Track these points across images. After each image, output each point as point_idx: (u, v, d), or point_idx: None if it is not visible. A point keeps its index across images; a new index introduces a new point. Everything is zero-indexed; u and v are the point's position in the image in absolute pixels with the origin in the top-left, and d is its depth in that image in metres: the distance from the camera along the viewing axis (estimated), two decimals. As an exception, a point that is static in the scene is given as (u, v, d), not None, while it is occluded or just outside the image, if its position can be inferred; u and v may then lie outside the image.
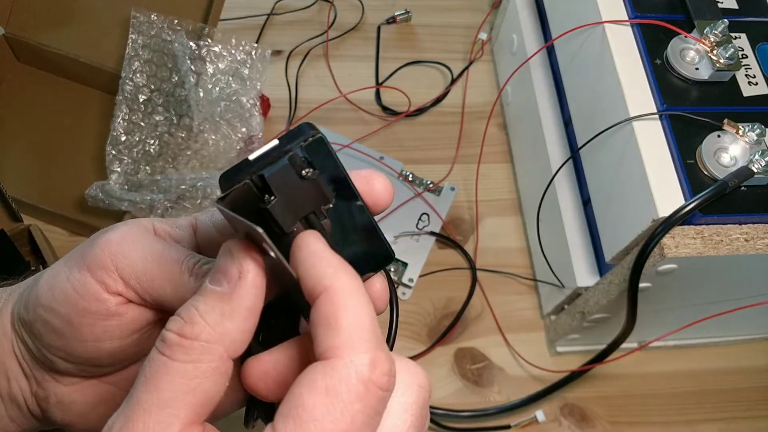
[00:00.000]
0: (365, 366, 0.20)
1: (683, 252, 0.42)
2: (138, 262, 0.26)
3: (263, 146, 0.24)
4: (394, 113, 0.74)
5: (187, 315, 0.22)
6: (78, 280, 0.26)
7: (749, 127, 0.44)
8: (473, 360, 0.63)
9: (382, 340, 0.21)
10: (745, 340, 0.65)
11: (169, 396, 0.21)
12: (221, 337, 0.22)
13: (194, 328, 0.22)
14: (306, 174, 0.23)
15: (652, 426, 0.61)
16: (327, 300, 0.21)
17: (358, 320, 0.21)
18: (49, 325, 0.27)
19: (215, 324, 0.22)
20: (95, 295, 0.26)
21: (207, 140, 0.64)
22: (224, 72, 0.64)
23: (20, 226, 0.59)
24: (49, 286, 0.27)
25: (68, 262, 0.27)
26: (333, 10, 0.78)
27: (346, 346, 0.20)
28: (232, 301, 0.22)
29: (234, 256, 0.23)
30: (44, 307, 0.27)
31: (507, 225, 0.69)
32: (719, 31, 0.47)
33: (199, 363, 0.22)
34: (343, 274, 0.22)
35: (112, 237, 0.27)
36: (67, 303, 0.26)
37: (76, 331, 0.26)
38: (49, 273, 0.27)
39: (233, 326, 0.22)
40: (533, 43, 0.66)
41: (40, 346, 0.27)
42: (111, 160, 0.61)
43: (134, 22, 0.62)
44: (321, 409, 0.20)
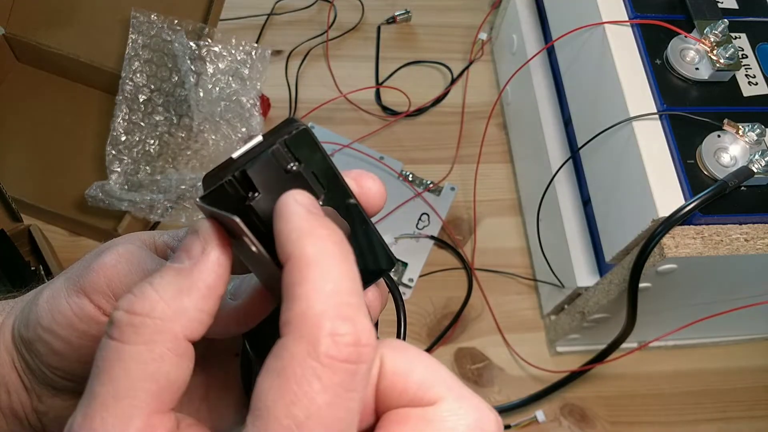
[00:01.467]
0: (321, 338, 0.17)
1: (683, 252, 0.42)
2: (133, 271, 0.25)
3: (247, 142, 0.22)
4: (394, 113, 0.74)
5: (138, 290, 0.19)
6: (76, 304, 0.25)
7: (749, 127, 0.44)
8: (473, 360, 0.63)
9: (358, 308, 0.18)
10: (745, 340, 0.65)
11: (125, 385, 0.19)
12: (177, 314, 0.19)
13: (145, 303, 0.19)
14: (291, 168, 0.22)
15: (652, 426, 0.61)
16: (288, 269, 0.18)
17: (317, 289, 0.18)
18: (49, 345, 0.26)
19: (171, 299, 0.19)
20: (94, 319, 0.25)
21: (207, 140, 0.64)
22: (224, 72, 0.64)
23: (20, 226, 0.59)
24: (50, 308, 0.26)
25: (66, 283, 0.26)
26: (333, 10, 0.78)
27: (298, 319, 0.17)
28: (191, 275, 0.20)
29: (198, 234, 0.21)
30: (44, 329, 0.26)
31: (507, 225, 0.69)
32: (719, 31, 0.47)
33: (153, 344, 0.19)
34: (307, 239, 0.18)
35: (107, 260, 0.25)
36: (67, 326, 0.26)
37: (76, 353, 0.26)
38: (48, 293, 0.27)
39: (191, 303, 0.20)
40: (533, 44, 0.66)
41: (40, 364, 0.27)
42: (111, 160, 0.61)
43: (134, 22, 0.62)
44: (272, 393, 0.17)
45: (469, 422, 0.19)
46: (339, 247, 0.19)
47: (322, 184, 0.23)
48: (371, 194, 0.23)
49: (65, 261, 0.61)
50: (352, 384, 0.17)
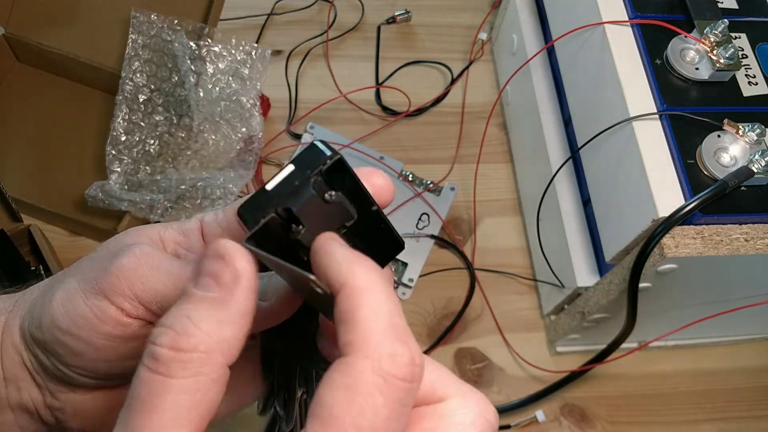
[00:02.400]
0: (383, 358, 0.19)
1: (683, 252, 0.42)
2: (156, 286, 0.25)
3: (279, 173, 0.23)
4: (394, 113, 0.74)
5: (180, 326, 0.20)
6: (97, 307, 0.25)
7: (749, 127, 0.44)
8: (473, 360, 0.63)
9: (406, 331, 0.20)
10: (745, 340, 0.65)
11: (171, 416, 0.20)
12: (219, 345, 0.21)
13: (191, 340, 0.20)
14: (330, 198, 0.23)
15: (652, 426, 0.61)
16: (344, 296, 0.20)
17: (374, 313, 0.20)
18: (69, 347, 0.26)
19: (212, 332, 0.21)
20: (117, 321, 0.25)
21: (207, 140, 0.64)
22: (224, 72, 0.64)
23: (20, 226, 0.59)
24: (66, 310, 0.26)
25: (82, 285, 0.26)
26: (333, 10, 0.78)
27: (362, 341, 0.20)
28: (228, 307, 0.21)
29: (225, 259, 0.21)
30: (63, 331, 0.26)
31: (507, 225, 0.69)
32: (719, 31, 0.47)
33: (200, 376, 0.20)
34: (358, 269, 0.21)
35: (125, 263, 0.26)
36: (88, 328, 0.26)
37: (100, 353, 0.26)
38: (62, 295, 0.26)
39: (231, 333, 0.21)
40: (533, 44, 0.66)
41: (59, 363, 0.27)
42: (111, 160, 0.61)
43: (134, 22, 0.62)
44: (342, 405, 0.19)
45: (475, 413, 0.22)
46: (382, 276, 0.21)
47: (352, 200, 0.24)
48: (382, 191, 0.25)
49: (65, 261, 0.61)
50: (407, 399, 0.20)
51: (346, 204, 0.24)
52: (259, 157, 0.66)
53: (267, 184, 0.23)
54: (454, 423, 0.22)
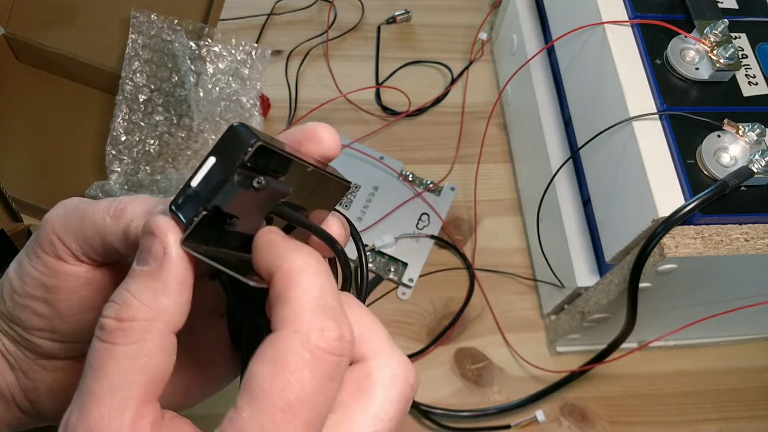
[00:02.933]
0: (311, 332, 0.20)
1: (683, 252, 0.42)
2: (71, 226, 0.27)
3: (201, 166, 0.22)
4: (394, 113, 0.74)
5: (120, 299, 0.22)
6: (39, 262, 0.27)
7: (749, 127, 0.44)
8: (473, 360, 0.63)
9: (337, 309, 0.21)
10: (745, 340, 0.65)
11: (118, 380, 0.21)
12: (159, 313, 0.22)
13: (130, 310, 0.22)
14: (258, 185, 0.23)
15: (652, 426, 0.61)
16: (278, 278, 0.22)
17: (306, 291, 0.21)
18: (29, 309, 0.28)
19: (150, 302, 0.22)
20: (57, 269, 0.27)
21: (207, 140, 0.64)
22: (224, 72, 0.64)
23: (20, 226, 0.59)
24: (18, 275, 0.28)
25: (26, 250, 0.28)
26: (333, 10, 0.78)
27: (292, 317, 0.21)
28: (161, 276, 0.22)
29: (155, 234, 0.23)
30: (20, 294, 0.28)
31: (507, 225, 0.69)
32: (719, 31, 0.47)
33: (142, 342, 0.22)
34: (293, 254, 0.22)
35: (50, 213, 0.28)
36: (38, 285, 0.27)
37: (54, 309, 0.27)
38: (13, 265, 0.28)
39: (169, 301, 0.22)
40: (533, 44, 0.66)
41: (23, 331, 0.28)
42: (111, 160, 0.61)
43: (134, 22, 0.62)
44: (269, 379, 0.20)
45: (395, 373, 0.23)
46: (318, 260, 0.22)
47: (283, 172, 0.24)
48: (328, 143, 0.26)
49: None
50: (336, 373, 0.21)
51: (277, 185, 0.23)
52: (259, 157, 0.66)
53: (191, 179, 0.23)
54: (375, 381, 0.23)
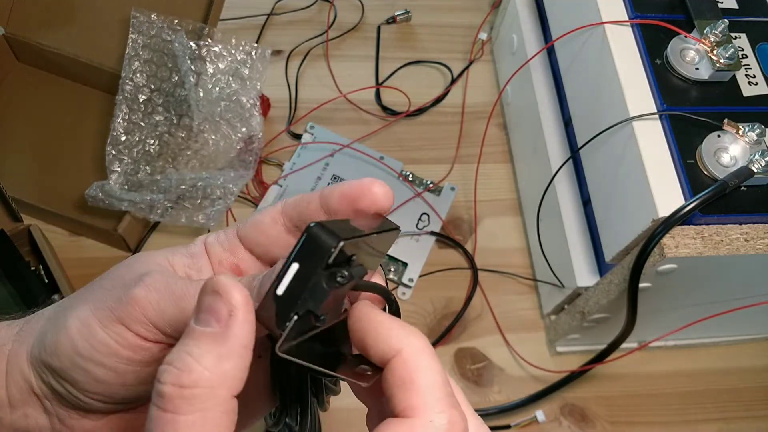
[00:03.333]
0: (444, 425, 0.22)
1: (683, 252, 0.42)
2: (168, 311, 0.26)
3: (285, 274, 0.23)
4: (394, 113, 0.74)
5: (181, 363, 0.21)
6: (118, 335, 0.26)
7: (749, 127, 0.44)
8: (473, 360, 0.63)
9: (455, 397, 0.23)
10: (745, 340, 0.65)
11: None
12: (222, 379, 0.21)
13: (192, 375, 0.21)
14: (342, 279, 0.23)
15: (652, 426, 0.61)
16: (401, 362, 0.22)
17: (433, 379, 0.22)
18: (91, 374, 0.27)
19: (213, 367, 0.21)
20: (136, 345, 0.26)
21: (207, 140, 0.64)
22: (224, 72, 0.64)
23: (20, 226, 0.59)
24: (86, 338, 0.26)
25: (98, 313, 0.26)
26: (333, 10, 0.78)
27: (424, 406, 0.22)
28: (227, 341, 0.21)
29: (220, 294, 0.22)
30: (85, 358, 0.26)
31: (507, 225, 0.69)
32: (719, 31, 0.47)
33: (206, 411, 0.21)
34: (412, 337, 0.23)
35: (137, 293, 0.26)
36: (111, 355, 0.26)
37: (120, 378, 0.27)
38: (77, 322, 0.27)
39: (232, 366, 0.21)
40: (533, 44, 0.66)
41: (75, 390, 0.27)
42: (111, 160, 0.61)
43: (134, 22, 0.62)
44: None
45: None
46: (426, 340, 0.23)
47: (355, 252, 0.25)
48: (381, 198, 0.26)
49: (65, 261, 0.61)
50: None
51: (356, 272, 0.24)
52: (259, 157, 0.66)
53: (276, 287, 0.23)
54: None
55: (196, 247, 0.29)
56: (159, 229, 0.65)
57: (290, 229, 0.28)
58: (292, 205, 0.28)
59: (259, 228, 0.28)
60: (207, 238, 0.29)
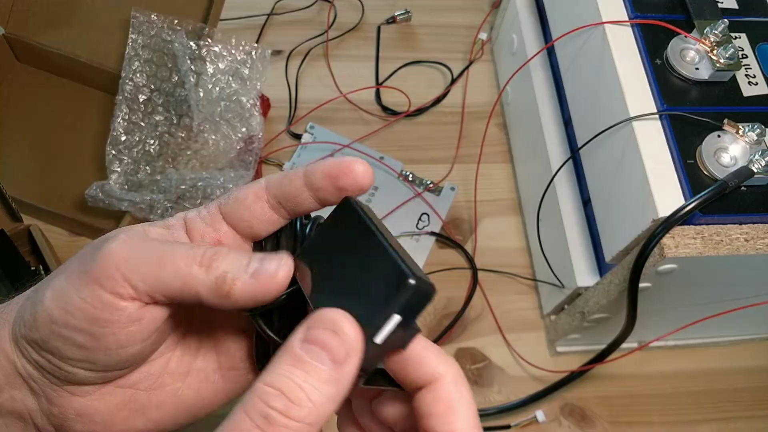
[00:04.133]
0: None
1: (683, 252, 0.42)
2: (142, 266, 0.26)
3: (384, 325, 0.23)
4: (394, 113, 0.74)
5: (293, 395, 0.22)
6: (91, 296, 0.26)
7: (749, 127, 0.44)
8: (473, 360, 0.63)
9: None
10: (745, 340, 0.65)
11: None
12: (321, 420, 0.22)
13: (301, 411, 0.22)
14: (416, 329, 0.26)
15: (652, 426, 0.61)
16: (444, 386, 0.25)
17: (471, 406, 0.25)
18: (69, 340, 0.26)
19: (321, 407, 0.22)
20: (113, 306, 0.26)
21: (207, 140, 0.64)
22: (224, 72, 0.64)
23: (20, 226, 0.59)
24: (60, 305, 0.26)
25: (70, 278, 0.27)
26: (333, 10, 0.78)
27: (464, 429, 0.25)
28: (339, 384, 0.22)
29: (337, 333, 0.23)
30: (60, 325, 0.26)
31: (507, 225, 0.69)
32: (719, 31, 0.47)
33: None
34: (452, 364, 0.26)
35: (112, 247, 0.26)
36: (86, 319, 0.26)
37: (100, 343, 0.26)
38: (52, 292, 0.27)
39: (334, 407, 0.23)
40: (533, 44, 0.66)
41: (59, 360, 0.27)
42: (111, 160, 0.61)
43: (134, 22, 0.62)
44: None
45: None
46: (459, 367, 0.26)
47: None
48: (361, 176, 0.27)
49: (65, 261, 0.61)
50: None
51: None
52: (259, 157, 0.66)
53: (374, 336, 0.23)
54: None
55: (173, 219, 0.29)
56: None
57: (274, 206, 0.29)
58: (276, 183, 0.28)
59: (243, 204, 0.29)
60: (187, 213, 0.29)
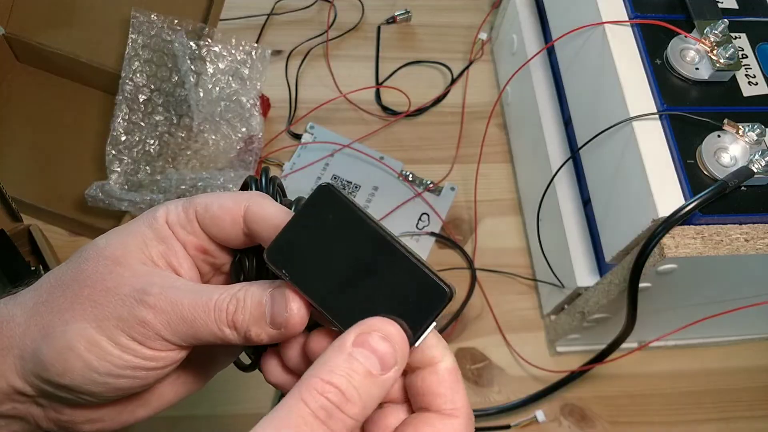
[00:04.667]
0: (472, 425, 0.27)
1: (683, 252, 0.42)
2: (179, 329, 0.27)
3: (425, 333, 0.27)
4: (394, 113, 0.74)
5: (349, 394, 0.24)
6: (134, 351, 0.27)
7: (749, 127, 0.44)
8: (473, 360, 0.63)
9: None
10: (745, 340, 0.65)
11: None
12: (365, 416, 0.25)
13: (351, 408, 0.24)
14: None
15: (652, 426, 0.61)
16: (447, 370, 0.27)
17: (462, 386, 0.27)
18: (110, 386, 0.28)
19: (368, 407, 0.25)
20: (155, 356, 0.27)
21: (207, 140, 0.64)
22: (224, 72, 0.64)
23: (20, 226, 0.59)
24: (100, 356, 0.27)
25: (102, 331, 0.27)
26: (333, 10, 0.78)
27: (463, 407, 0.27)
28: (384, 388, 0.25)
29: (389, 342, 0.25)
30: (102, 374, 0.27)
31: (507, 225, 0.69)
32: (719, 31, 0.47)
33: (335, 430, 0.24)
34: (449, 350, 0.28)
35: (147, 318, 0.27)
36: (130, 368, 0.27)
37: (142, 382, 0.28)
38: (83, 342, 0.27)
39: (373, 407, 0.25)
40: (533, 44, 0.66)
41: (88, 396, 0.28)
42: (111, 160, 0.61)
43: (134, 22, 0.62)
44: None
45: None
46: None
47: None
48: None
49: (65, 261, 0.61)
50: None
51: None
52: (259, 157, 0.66)
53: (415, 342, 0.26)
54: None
55: (164, 230, 0.29)
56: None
57: (248, 235, 0.29)
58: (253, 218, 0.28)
59: (218, 225, 0.29)
60: (168, 216, 0.30)
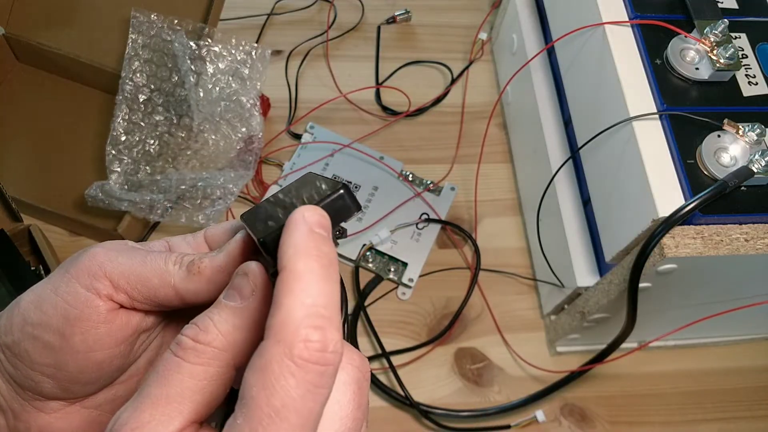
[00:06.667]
0: (295, 344, 0.21)
1: (683, 252, 0.42)
2: (125, 264, 0.27)
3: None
4: (394, 113, 0.74)
5: (202, 324, 0.24)
6: (67, 291, 0.27)
7: (749, 127, 0.44)
8: (473, 360, 0.63)
9: (326, 318, 0.21)
10: (745, 340, 0.65)
11: (176, 392, 0.23)
12: (231, 346, 0.24)
13: (208, 336, 0.24)
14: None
15: (652, 426, 0.61)
16: (279, 281, 0.22)
17: (298, 300, 0.21)
18: (39, 340, 0.27)
19: (227, 334, 0.24)
20: (87, 302, 0.27)
21: (207, 140, 0.64)
22: (224, 72, 0.64)
23: (20, 226, 0.59)
24: (36, 305, 0.27)
25: (50, 280, 0.28)
26: (333, 10, 0.78)
27: (279, 325, 0.21)
28: (244, 315, 0.24)
29: (248, 276, 0.25)
30: (33, 325, 0.27)
31: (507, 225, 0.69)
32: (719, 31, 0.47)
33: (208, 367, 0.24)
34: (299, 258, 0.22)
35: (96, 249, 0.28)
36: (57, 315, 0.27)
37: (67, 343, 0.27)
38: (30, 296, 0.28)
39: (242, 338, 0.24)
40: (533, 44, 0.66)
41: (27, 366, 0.27)
42: (111, 160, 0.61)
43: (134, 22, 0.62)
44: (256, 387, 0.21)
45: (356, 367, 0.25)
46: (326, 269, 0.22)
47: None
48: None
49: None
50: (321, 381, 0.21)
51: None
52: (259, 157, 0.66)
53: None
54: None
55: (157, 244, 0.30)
56: (159, 229, 0.65)
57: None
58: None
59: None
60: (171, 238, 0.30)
